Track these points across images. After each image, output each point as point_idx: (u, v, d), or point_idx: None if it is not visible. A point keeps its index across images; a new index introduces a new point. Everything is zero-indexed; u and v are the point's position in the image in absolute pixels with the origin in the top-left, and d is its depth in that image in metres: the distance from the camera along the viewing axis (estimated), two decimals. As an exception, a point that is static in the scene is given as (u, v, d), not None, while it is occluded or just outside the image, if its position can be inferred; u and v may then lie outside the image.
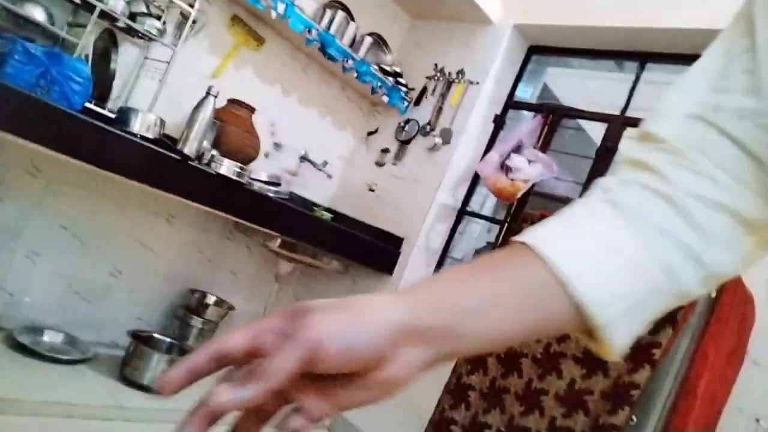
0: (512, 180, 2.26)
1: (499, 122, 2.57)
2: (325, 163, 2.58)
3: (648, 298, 0.41)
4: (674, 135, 0.43)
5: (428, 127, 2.56)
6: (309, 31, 2.18)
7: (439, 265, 2.54)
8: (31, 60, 1.36)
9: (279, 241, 2.13)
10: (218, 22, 2.18)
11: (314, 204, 2.62)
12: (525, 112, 2.62)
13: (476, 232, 2.70)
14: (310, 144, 2.60)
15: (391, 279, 2.43)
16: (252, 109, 2.17)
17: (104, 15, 1.70)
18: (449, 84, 2.57)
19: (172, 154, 1.66)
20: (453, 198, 2.52)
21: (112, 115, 1.71)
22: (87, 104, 1.62)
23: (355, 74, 2.42)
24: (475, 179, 2.53)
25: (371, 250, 2.35)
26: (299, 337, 0.32)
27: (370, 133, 2.79)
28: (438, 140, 2.50)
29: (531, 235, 0.41)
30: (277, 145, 2.52)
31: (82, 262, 2.04)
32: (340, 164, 2.77)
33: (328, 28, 2.32)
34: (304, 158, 2.58)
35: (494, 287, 0.39)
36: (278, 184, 2.11)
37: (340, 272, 2.50)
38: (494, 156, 2.34)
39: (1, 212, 1.83)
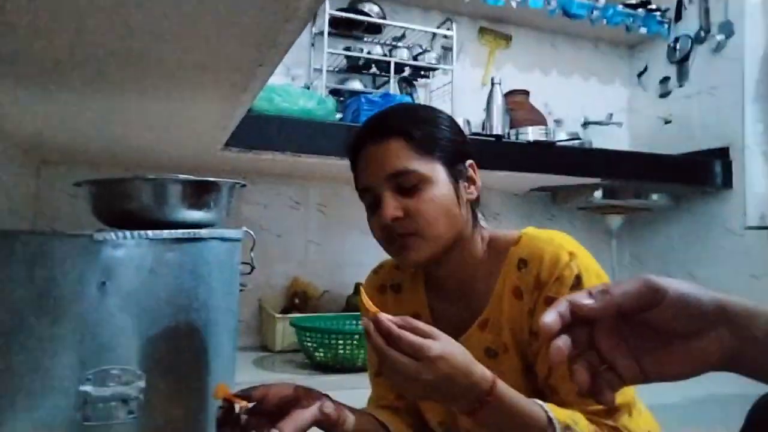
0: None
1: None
2: (610, 116, 2.61)
3: None
4: None
5: (702, 33, 2.42)
6: (548, 2, 2.35)
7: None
8: (373, 105, 1.80)
9: (600, 191, 2.20)
10: (470, 39, 2.51)
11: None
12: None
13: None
14: (585, 109, 2.67)
15: (733, 193, 2.26)
16: (526, 93, 2.38)
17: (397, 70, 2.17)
18: (704, -20, 2.42)
19: (487, 138, 1.94)
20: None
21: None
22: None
23: (605, 21, 2.47)
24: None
25: (696, 168, 2.25)
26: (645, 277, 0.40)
27: (640, 74, 2.74)
28: (720, 37, 2.33)
29: None
30: (557, 122, 2.66)
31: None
32: (622, 116, 2.75)
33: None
34: (586, 123, 2.65)
35: None
36: (579, 139, 2.22)
37: (672, 207, 2.41)
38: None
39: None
